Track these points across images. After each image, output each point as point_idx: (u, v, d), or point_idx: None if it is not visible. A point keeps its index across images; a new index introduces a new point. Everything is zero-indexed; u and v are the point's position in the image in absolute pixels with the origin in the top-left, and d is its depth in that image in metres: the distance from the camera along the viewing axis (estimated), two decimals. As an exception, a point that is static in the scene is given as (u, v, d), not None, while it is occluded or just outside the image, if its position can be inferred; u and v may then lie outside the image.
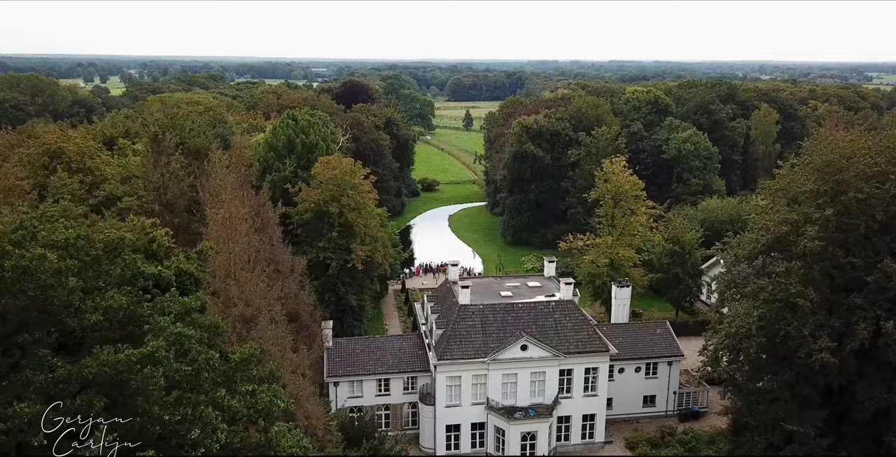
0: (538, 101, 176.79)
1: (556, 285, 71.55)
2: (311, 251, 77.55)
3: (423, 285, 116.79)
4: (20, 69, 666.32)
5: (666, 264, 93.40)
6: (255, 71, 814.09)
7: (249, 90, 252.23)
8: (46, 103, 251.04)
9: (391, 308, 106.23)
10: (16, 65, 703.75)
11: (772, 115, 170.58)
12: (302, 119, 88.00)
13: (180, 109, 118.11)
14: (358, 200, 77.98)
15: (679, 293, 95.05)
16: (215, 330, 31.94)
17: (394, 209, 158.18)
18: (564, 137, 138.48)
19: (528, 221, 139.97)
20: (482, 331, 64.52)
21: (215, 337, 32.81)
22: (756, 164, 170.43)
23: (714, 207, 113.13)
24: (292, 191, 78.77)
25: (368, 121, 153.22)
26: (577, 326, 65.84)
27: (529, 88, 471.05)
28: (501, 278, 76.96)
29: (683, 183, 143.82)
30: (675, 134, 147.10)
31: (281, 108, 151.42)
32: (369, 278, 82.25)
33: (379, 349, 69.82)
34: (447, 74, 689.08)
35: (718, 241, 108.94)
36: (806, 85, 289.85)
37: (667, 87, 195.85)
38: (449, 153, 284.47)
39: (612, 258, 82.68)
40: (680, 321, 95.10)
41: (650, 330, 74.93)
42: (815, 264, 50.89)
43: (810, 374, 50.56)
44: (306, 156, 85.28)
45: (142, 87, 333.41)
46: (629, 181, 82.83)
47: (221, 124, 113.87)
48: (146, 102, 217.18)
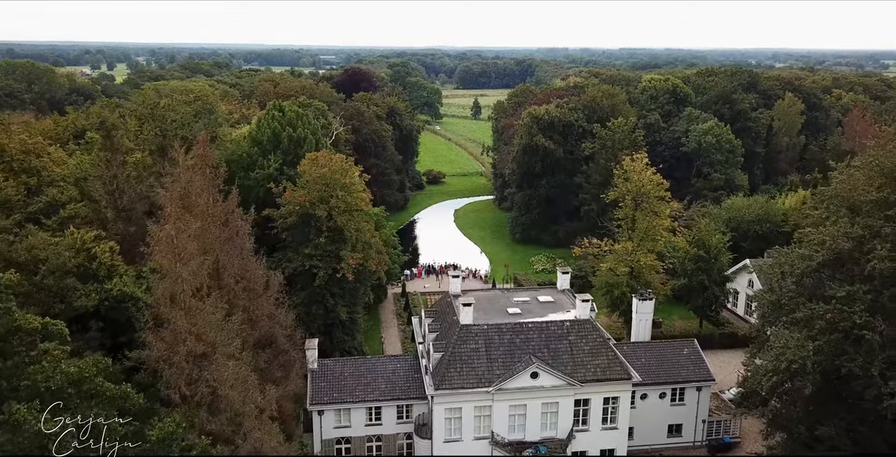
0: (549, 90, 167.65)
1: (571, 300, 63.23)
2: (296, 258, 69.48)
3: (426, 288, 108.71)
4: (29, 56, 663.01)
5: (690, 270, 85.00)
6: (264, 58, 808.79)
7: (251, 78, 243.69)
8: (43, 91, 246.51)
9: (389, 315, 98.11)
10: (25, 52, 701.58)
11: (796, 104, 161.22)
12: (290, 110, 79.69)
13: (163, 99, 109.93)
14: (349, 202, 69.73)
15: (704, 302, 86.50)
16: (123, 401, 23.74)
17: (396, 204, 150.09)
18: (578, 129, 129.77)
19: (537, 218, 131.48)
20: (486, 355, 56.33)
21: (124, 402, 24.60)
22: (779, 156, 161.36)
23: (740, 206, 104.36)
24: (276, 191, 70.59)
25: (370, 111, 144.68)
26: (596, 350, 57.55)
27: (539, 76, 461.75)
28: (509, 291, 68.51)
29: (704, 178, 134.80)
30: (695, 125, 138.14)
31: (277, 97, 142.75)
32: (362, 288, 74.05)
33: (370, 372, 61.82)
34: (456, 62, 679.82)
35: (744, 243, 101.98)
36: (825, 73, 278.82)
37: (684, 75, 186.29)
38: (456, 143, 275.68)
39: (633, 266, 74.19)
40: (705, 333, 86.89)
41: (676, 349, 66.53)
42: (884, 289, 42.41)
43: (877, 421, 42.17)
44: (294, 151, 77.12)
45: (143, 74, 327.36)
46: (652, 180, 74.24)
47: (207, 115, 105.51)
48: (140, 91, 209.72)
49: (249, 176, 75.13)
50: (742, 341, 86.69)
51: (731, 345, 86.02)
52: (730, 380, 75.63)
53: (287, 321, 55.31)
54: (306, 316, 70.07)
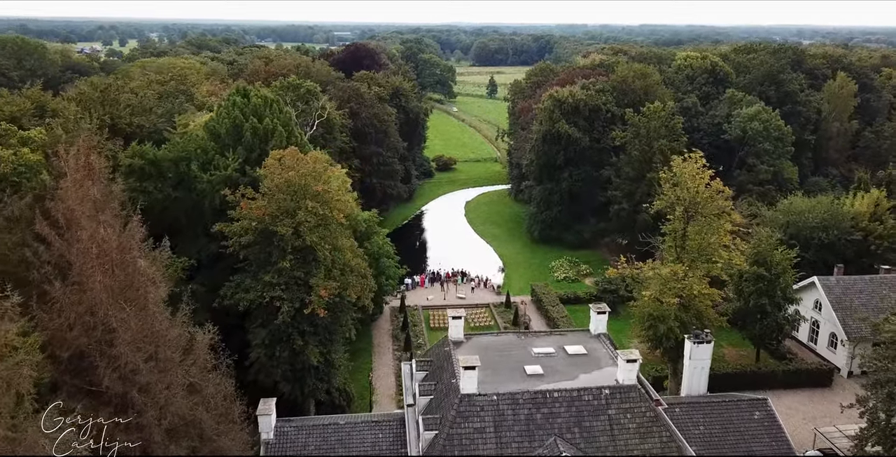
0: (572, 69, 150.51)
1: (609, 351, 47.87)
2: (254, 288, 54.32)
3: (429, 301, 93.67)
4: (41, 32, 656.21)
5: (748, 292, 69.37)
6: (277, 35, 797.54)
7: (252, 54, 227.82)
8: (35, 68, 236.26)
9: (384, 336, 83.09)
10: (37, 27, 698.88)
11: (849, 85, 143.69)
12: (255, 96, 63.99)
13: (119, 81, 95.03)
14: (324, 214, 54.36)
15: (763, 330, 70.91)
16: None
17: (400, 197, 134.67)
18: (606, 114, 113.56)
19: (559, 215, 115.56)
20: (496, 437, 41.09)
21: None
22: (828, 144, 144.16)
23: (800, 208, 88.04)
24: (231, 199, 55.31)
25: (371, 92, 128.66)
26: (645, 428, 42.14)
27: (558, 53, 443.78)
28: (526, 338, 52.84)
29: (748, 170, 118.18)
30: (738, 109, 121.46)
31: (269, 75, 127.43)
32: (342, 320, 58.76)
33: (341, 443, 46.96)
34: (472, 38, 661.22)
35: (807, 253, 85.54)
36: (861, 51, 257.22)
37: (720, 52, 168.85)
38: (469, 125, 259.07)
39: (684, 295, 58.42)
40: (764, 368, 71.33)
41: (744, 412, 51.07)
42: None
43: None
44: (259, 147, 61.72)
45: (146, 50, 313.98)
46: (711, 188, 58.15)
47: (173, 99, 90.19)
48: (127, 68, 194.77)
49: (203, 178, 59.89)
50: (810, 379, 71.48)
51: (797, 383, 70.69)
52: (801, 436, 60.38)
53: (222, 391, 40.23)
54: (268, 360, 55.11)
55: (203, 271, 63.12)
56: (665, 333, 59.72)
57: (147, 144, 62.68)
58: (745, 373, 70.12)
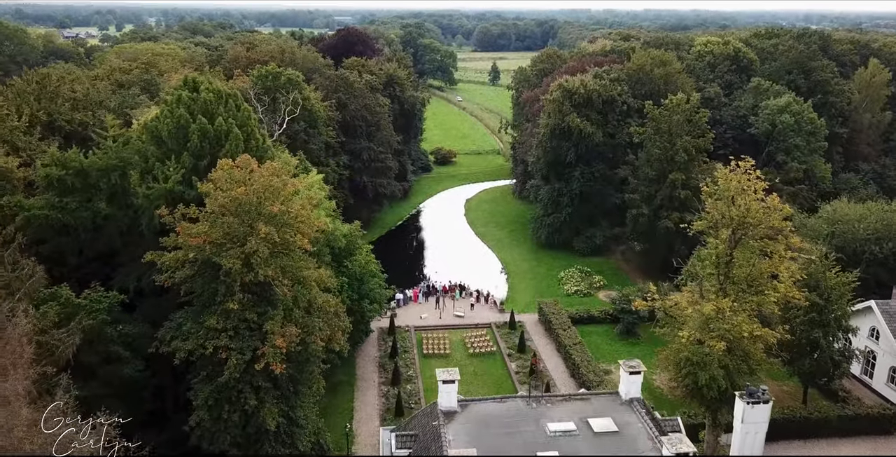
0: (582, 56, 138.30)
1: (645, 425, 36.91)
2: (193, 334, 43.23)
3: (422, 320, 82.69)
4: (39, 17, 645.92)
5: (800, 324, 58.20)
6: (277, 19, 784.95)
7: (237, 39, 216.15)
8: (14, 54, 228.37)
9: (370, 366, 71.99)
10: (35, 12, 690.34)
11: (882, 73, 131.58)
12: (206, 91, 52.49)
13: (57, 72, 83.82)
14: (284, 240, 43.24)
15: (814, 367, 59.79)
16: None
17: (394, 195, 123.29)
18: (622, 106, 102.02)
19: (568, 218, 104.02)
20: None
21: None
22: (859, 137, 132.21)
23: (848, 216, 76.69)
24: (168, 221, 44.07)
25: (362, 80, 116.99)
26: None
27: (563, 39, 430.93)
28: (539, 405, 41.68)
29: (777, 167, 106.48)
30: (765, 100, 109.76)
31: (250, 63, 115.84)
32: (310, 369, 47.67)
33: None
34: (475, 23, 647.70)
35: (857, 269, 73.97)
36: (875, 35, 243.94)
37: (740, 37, 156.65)
38: (471, 114, 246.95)
39: (732, 337, 47.23)
40: (816, 415, 60.12)
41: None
42: None
43: None
44: (209, 153, 50.42)
45: (136, 35, 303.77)
46: (765, 205, 46.86)
47: (125, 91, 78.88)
48: (103, 55, 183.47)
49: (139, 193, 48.76)
50: (868, 425, 60.44)
51: (854, 430, 59.68)
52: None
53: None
54: (213, 424, 44.00)
55: (148, 302, 52.36)
56: (707, 383, 48.52)
57: (73, 149, 51.46)
58: (795, 419, 59.08)
